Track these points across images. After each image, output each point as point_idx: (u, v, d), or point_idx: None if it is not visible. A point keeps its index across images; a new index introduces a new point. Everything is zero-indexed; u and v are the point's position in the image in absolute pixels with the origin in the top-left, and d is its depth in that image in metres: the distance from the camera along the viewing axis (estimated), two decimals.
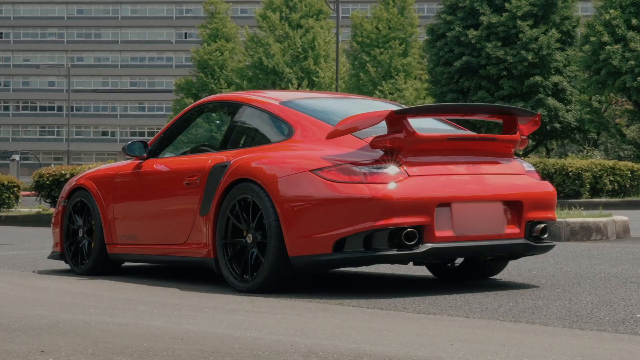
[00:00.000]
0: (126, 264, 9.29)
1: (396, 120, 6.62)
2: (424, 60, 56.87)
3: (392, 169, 6.57)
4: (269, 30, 63.27)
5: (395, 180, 6.51)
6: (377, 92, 58.51)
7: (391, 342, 4.31)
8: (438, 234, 6.57)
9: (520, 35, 48.40)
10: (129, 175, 8.35)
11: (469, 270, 7.69)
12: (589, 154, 36.98)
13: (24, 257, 10.95)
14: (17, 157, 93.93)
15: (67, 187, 8.95)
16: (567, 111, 49.52)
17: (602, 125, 48.54)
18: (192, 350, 3.87)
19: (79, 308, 5.86)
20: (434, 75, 51.81)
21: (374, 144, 6.68)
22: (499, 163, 7.11)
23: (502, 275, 7.94)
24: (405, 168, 6.61)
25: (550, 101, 48.46)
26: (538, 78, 48.17)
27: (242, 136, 7.74)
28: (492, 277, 7.80)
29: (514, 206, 6.94)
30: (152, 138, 8.71)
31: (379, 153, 6.66)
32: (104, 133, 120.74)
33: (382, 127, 6.75)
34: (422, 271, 8.46)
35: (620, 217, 12.97)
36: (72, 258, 8.72)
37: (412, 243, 6.47)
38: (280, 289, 6.85)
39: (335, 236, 6.50)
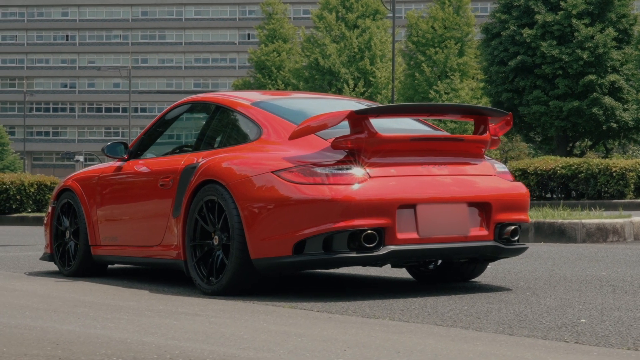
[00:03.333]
0: (117, 265, 9.29)
1: (357, 120, 6.51)
2: (481, 59, 56.25)
3: (354, 170, 6.46)
4: (325, 31, 63.18)
5: (356, 181, 6.40)
6: (432, 92, 58.14)
7: (284, 348, 4.20)
8: (400, 236, 6.44)
9: (576, 34, 47.67)
10: (110, 177, 8.35)
11: (446, 273, 7.54)
12: (634, 153, 36.34)
13: (30, 258, 11.00)
14: (81, 158, 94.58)
15: (56, 189, 8.99)
16: (625, 110, 48.68)
17: None
18: (50, 356, 3.81)
19: (17, 311, 5.83)
20: (489, 74, 51.33)
21: (335, 145, 6.58)
22: (468, 164, 6.94)
23: (483, 278, 7.79)
24: (367, 169, 6.50)
25: (607, 100, 47.63)
26: (593, 77, 47.40)
27: (215, 137, 7.70)
28: (472, 280, 7.65)
29: (482, 208, 6.77)
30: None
31: (342, 154, 6.55)
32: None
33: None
34: (403, 274, 8.35)
35: (639, 218, 12.69)
36: (59, 259, 8.74)
37: (372, 245, 6.35)
38: (244, 292, 6.78)
39: (295, 238, 6.41)
